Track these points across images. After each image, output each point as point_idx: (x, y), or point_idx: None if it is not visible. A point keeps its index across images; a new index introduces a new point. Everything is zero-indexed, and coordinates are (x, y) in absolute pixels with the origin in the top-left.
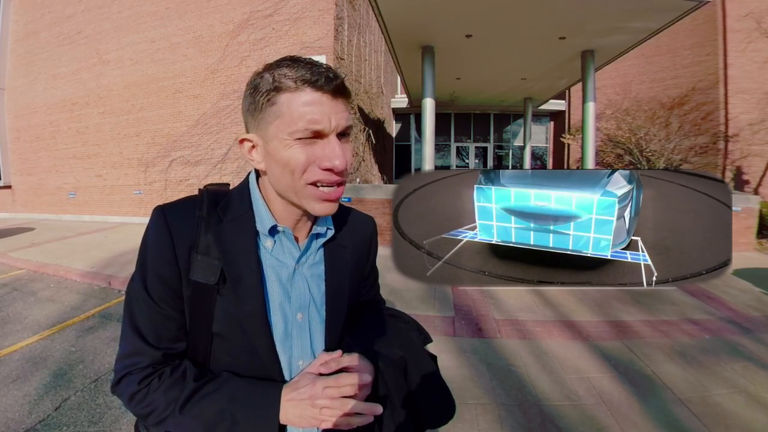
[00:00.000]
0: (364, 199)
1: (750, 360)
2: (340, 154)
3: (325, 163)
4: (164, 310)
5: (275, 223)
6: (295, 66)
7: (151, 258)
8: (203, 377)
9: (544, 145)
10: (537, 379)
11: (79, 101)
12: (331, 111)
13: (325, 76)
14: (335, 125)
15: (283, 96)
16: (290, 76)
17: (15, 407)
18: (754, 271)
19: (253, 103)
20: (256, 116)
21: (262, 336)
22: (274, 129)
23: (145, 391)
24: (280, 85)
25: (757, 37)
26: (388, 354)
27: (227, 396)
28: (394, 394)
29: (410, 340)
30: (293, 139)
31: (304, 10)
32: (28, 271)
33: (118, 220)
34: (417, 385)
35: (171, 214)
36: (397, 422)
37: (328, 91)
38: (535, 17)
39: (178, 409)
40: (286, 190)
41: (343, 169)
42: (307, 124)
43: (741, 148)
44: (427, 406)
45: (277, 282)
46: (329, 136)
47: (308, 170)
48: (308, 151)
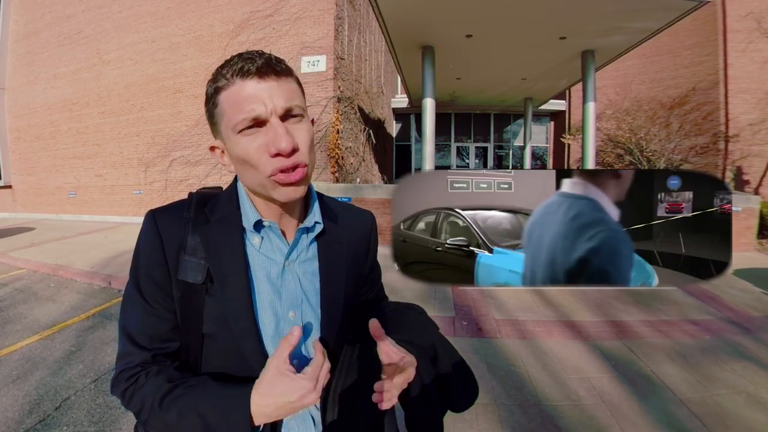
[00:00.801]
0: (365, 198)
1: (750, 360)
2: (283, 134)
3: (271, 149)
4: (157, 310)
5: (260, 217)
6: (229, 62)
7: (143, 260)
8: (182, 377)
9: (545, 145)
10: (537, 379)
11: (80, 101)
12: (263, 94)
13: (250, 61)
14: (272, 107)
15: (221, 95)
16: (223, 73)
17: (15, 407)
18: (754, 271)
19: (207, 111)
20: (212, 122)
21: (248, 336)
22: (224, 129)
23: (133, 389)
24: (218, 85)
25: (758, 37)
26: (419, 342)
27: (199, 399)
28: (426, 380)
29: (434, 327)
30: (238, 133)
31: (304, 10)
32: (28, 270)
33: (118, 220)
34: (448, 371)
35: (160, 217)
36: (430, 406)
37: (254, 75)
38: (535, 17)
39: (157, 406)
40: (254, 186)
41: (291, 150)
42: (243, 114)
43: (741, 148)
44: (457, 390)
45: (266, 280)
46: (270, 120)
47: (263, 162)
48: (255, 141)
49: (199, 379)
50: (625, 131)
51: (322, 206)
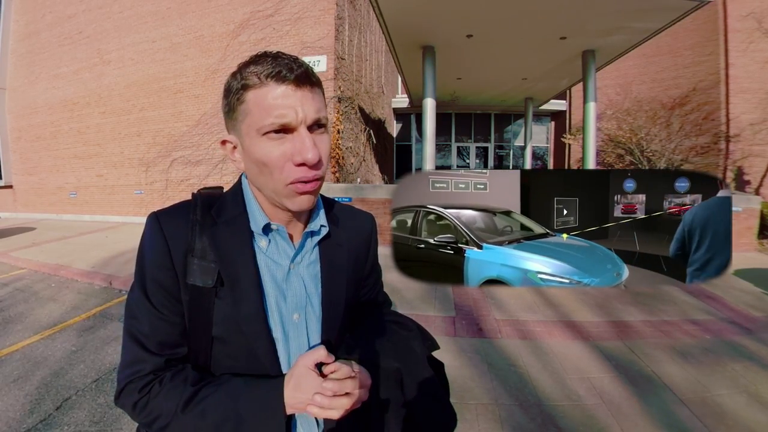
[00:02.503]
0: (366, 198)
1: (751, 360)
2: (310, 146)
3: (297, 158)
4: (165, 315)
5: (269, 221)
6: (261, 62)
7: (149, 264)
8: (203, 379)
9: (545, 145)
10: (538, 379)
11: (80, 101)
12: (296, 102)
13: (288, 67)
14: (302, 116)
15: (250, 93)
16: (255, 72)
17: (16, 407)
18: (755, 272)
19: (227, 104)
20: (231, 117)
21: (261, 338)
22: (246, 127)
23: (146, 399)
24: (246, 83)
25: (759, 37)
26: (384, 365)
27: (229, 395)
28: (389, 405)
29: (409, 349)
30: (262, 135)
31: (304, 10)
32: (29, 270)
33: (118, 220)
34: (413, 397)
35: (165, 220)
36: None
37: (291, 82)
38: (535, 17)
39: (180, 411)
40: (265, 189)
41: (317, 162)
42: (273, 118)
43: (742, 148)
44: (424, 419)
45: (272, 282)
46: (299, 129)
47: (284, 168)
48: (280, 147)
49: (221, 378)
50: (626, 131)
51: (325, 208)
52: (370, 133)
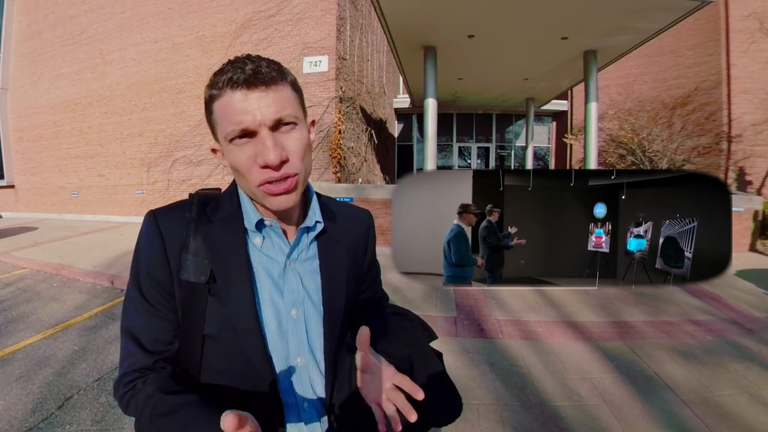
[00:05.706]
0: (368, 199)
1: (753, 361)
2: (271, 147)
3: (259, 161)
4: (160, 311)
5: (261, 217)
6: (222, 70)
7: (144, 261)
8: (175, 388)
9: (547, 145)
10: (539, 380)
11: (82, 101)
12: (252, 105)
13: (240, 71)
14: (260, 119)
15: (215, 104)
16: (216, 82)
17: (18, 406)
18: (756, 272)
19: (206, 116)
20: (210, 127)
21: (251, 334)
22: (219, 136)
23: (130, 394)
24: (211, 94)
25: (760, 38)
26: (393, 353)
27: (175, 423)
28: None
29: (415, 337)
30: (230, 142)
31: (306, 10)
32: (31, 270)
33: (120, 220)
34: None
35: (161, 217)
36: (403, 421)
37: (242, 86)
38: (537, 17)
39: (147, 419)
40: (246, 191)
41: (279, 163)
42: (232, 125)
43: (744, 148)
44: (433, 405)
45: (267, 278)
46: (260, 132)
47: (252, 172)
48: (245, 152)
49: (185, 398)
50: (628, 131)
51: (321, 205)
52: (372, 133)
